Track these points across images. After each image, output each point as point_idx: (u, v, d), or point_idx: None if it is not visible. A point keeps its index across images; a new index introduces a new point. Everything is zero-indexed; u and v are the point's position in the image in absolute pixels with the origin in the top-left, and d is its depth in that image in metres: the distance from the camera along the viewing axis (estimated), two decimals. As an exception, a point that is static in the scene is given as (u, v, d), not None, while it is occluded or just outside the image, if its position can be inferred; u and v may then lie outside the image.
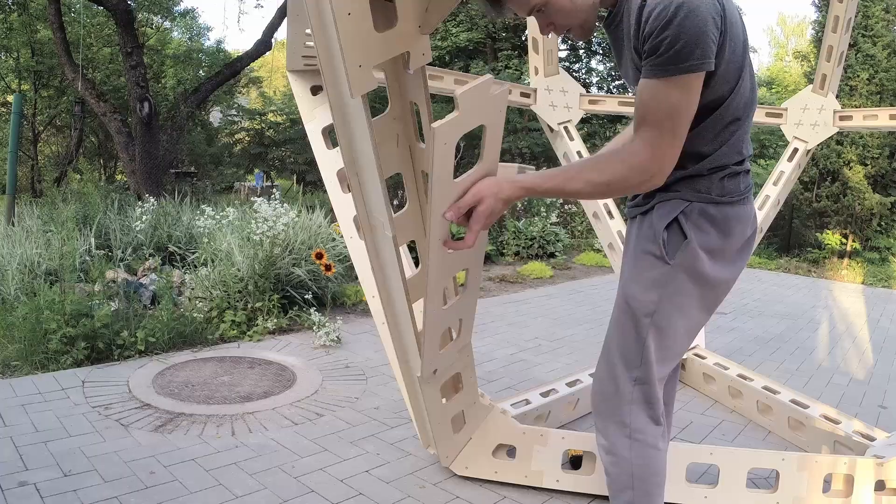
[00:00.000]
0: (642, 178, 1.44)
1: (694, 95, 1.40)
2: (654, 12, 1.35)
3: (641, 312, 1.56)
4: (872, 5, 9.48)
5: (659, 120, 1.40)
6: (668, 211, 1.55)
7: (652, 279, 1.55)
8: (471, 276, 1.83)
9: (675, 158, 1.44)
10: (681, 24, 1.32)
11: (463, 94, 1.37)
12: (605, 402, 1.63)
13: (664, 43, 1.34)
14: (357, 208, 1.64)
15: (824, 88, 3.58)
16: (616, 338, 1.61)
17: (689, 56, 1.34)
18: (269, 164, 13.27)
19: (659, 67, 1.37)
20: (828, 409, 2.87)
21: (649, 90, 1.40)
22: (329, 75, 1.43)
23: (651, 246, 1.56)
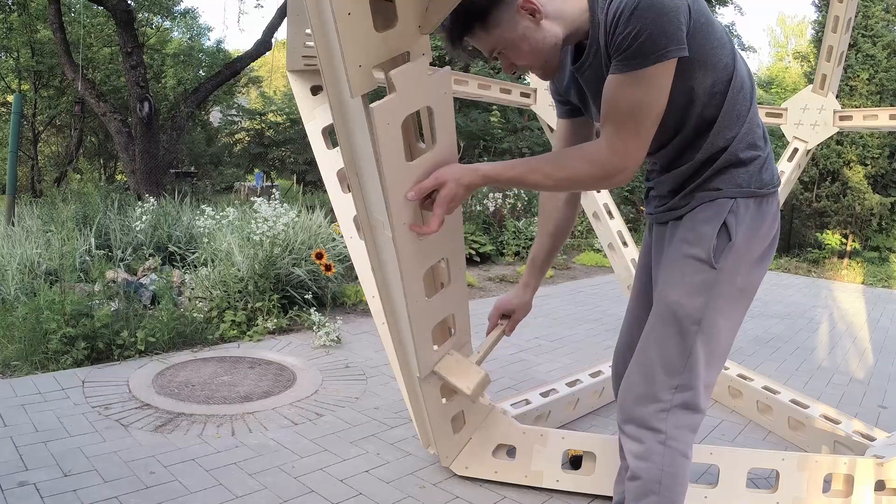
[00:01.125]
0: (603, 175, 1.44)
1: (659, 90, 1.37)
2: (616, 11, 1.34)
3: (689, 320, 1.51)
4: (872, 5, 9.49)
5: (621, 117, 1.39)
6: (716, 213, 1.51)
7: (697, 284, 1.51)
8: (453, 266, 1.82)
9: (640, 157, 1.43)
10: (641, 15, 1.31)
11: (395, 73, 1.38)
12: (641, 408, 1.56)
13: (629, 38, 1.32)
14: (357, 208, 1.64)
15: (824, 88, 3.58)
16: (655, 345, 1.55)
17: (653, 47, 1.32)
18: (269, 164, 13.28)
19: (623, 63, 1.35)
20: (828, 409, 2.87)
21: (613, 86, 1.39)
22: (329, 75, 1.43)
23: (694, 250, 1.51)
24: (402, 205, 1.54)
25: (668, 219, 1.63)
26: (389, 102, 1.39)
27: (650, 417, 1.55)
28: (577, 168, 1.45)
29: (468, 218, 8.01)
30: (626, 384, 1.62)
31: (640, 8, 1.31)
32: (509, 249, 7.92)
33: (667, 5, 1.31)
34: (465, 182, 1.48)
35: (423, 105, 1.46)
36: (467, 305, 1.97)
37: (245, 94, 15.14)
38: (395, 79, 1.38)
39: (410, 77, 1.40)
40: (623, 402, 1.61)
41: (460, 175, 1.48)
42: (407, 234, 1.59)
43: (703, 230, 1.51)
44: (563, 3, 1.44)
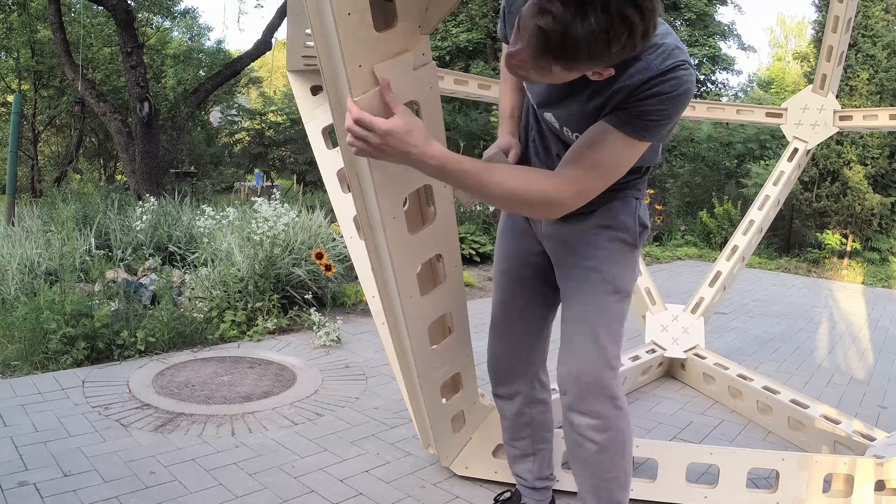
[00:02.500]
0: (550, 206, 1.46)
1: (639, 156, 1.49)
2: (663, 83, 1.38)
3: (623, 292, 1.71)
4: (872, 5, 9.48)
5: (598, 166, 1.45)
6: (629, 207, 1.73)
7: (626, 262, 1.72)
8: (448, 263, 1.82)
9: (586, 201, 1.50)
10: (680, 103, 1.40)
11: (379, 67, 1.37)
12: (596, 383, 1.66)
13: (657, 113, 1.40)
14: (357, 208, 1.64)
15: (824, 88, 3.58)
16: (600, 317, 1.68)
17: (664, 130, 1.45)
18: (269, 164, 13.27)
19: (633, 127, 1.41)
20: (828, 409, 2.87)
21: (607, 137, 1.43)
22: (329, 75, 1.43)
23: (622, 234, 1.71)
24: (390, 198, 1.53)
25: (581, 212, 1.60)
26: (371, 98, 1.38)
27: (606, 387, 1.66)
28: (531, 190, 1.43)
29: (468, 218, 8.01)
30: (573, 364, 1.69)
31: (680, 97, 1.39)
32: (509, 249, 7.90)
33: (688, 100, 1.43)
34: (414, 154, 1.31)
35: (408, 99, 1.46)
36: (465, 303, 1.97)
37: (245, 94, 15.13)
38: (380, 73, 1.38)
39: (395, 72, 1.40)
40: (576, 381, 1.68)
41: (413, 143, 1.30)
42: (398, 229, 1.59)
43: (623, 219, 1.71)
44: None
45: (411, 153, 1.32)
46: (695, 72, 1.46)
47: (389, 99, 1.33)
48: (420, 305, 1.79)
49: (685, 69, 1.40)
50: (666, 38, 1.42)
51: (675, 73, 1.39)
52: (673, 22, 14.91)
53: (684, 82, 1.40)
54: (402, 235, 1.62)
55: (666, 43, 1.42)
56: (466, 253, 7.11)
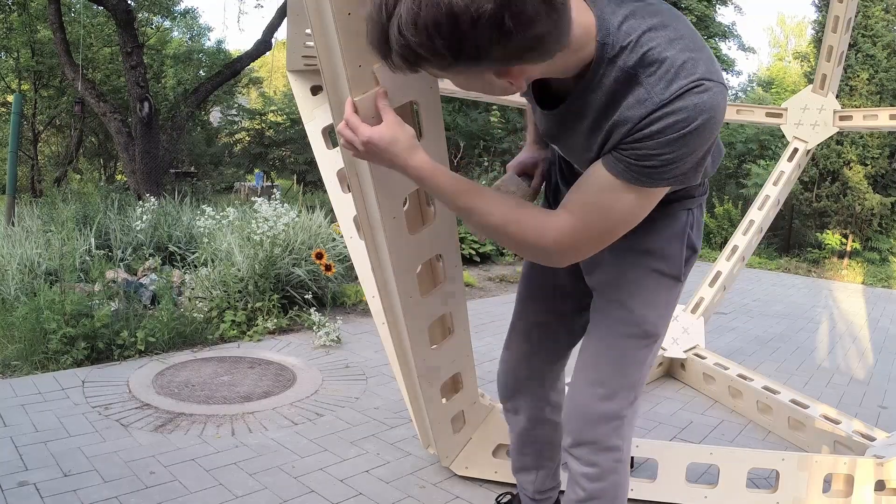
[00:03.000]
0: (538, 252, 1.26)
1: (652, 204, 1.20)
2: (663, 118, 1.07)
3: (653, 336, 1.45)
4: (872, 5, 9.49)
5: (597, 217, 1.20)
6: (676, 226, 1.41)
7: (664, 300, 1.44)
8: (448, 263, 1.82)
9: (583, 257, 1.29)
10: (694, 142, 1.08)
11: (379, 67, 1.37)
12: (598, 429, 1.47)
13: (660, 158, 1.10)
14: (357, 208, 1.64)
15: (824, 88, 3.58)
16: (617, 362, 1.45)
17: (676, 174, 1.12)
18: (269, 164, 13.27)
19: (634, 174, 1.12)
20: (828, 409, 2.87)
21: (605, 184, 1.16)
22: (329, 75, 1.43)
23: (661, 264, 1.41)
24: (390, 197, 1.53)
25: None
26: (371, 97, 1.39)
27: (608, 437, 1.47)
28: (521, 227, 1.23)
29: (468, 218, 8.01)
30: (577, 404, 1.50)
31: (692, 133, 1.07)
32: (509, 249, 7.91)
33: (715, 129, 1.10)
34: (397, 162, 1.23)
35: (408, 99, 1.46)
36: (465, 303, 1.97)
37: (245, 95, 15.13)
38: (379, 73, 1.38)
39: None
40: (575, 424, 1.50)
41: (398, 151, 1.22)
42: (398, 229, 1.59)
43: (667, 244, 1.41)
44: (565, 59, 1.10)
45: (394, 162, 1.24)
46: (722, 85, 1.09)
47: (381, 105, 1.27)
48: (420, 305, 1.79)
49: (700, 90, 1.06)
50: (669, 49, 1.08)
51: (683, 102, 1.06)
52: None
53: (700, 112, 1.06)
54: (401, 235, 1.62)
55: (669, 57, 1.07)
56: (466, 253, 7.11)
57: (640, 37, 1.09)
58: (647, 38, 1.09)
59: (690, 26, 1.15)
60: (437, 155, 1.58)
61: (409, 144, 1.23)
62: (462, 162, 11.69)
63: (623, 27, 1.10)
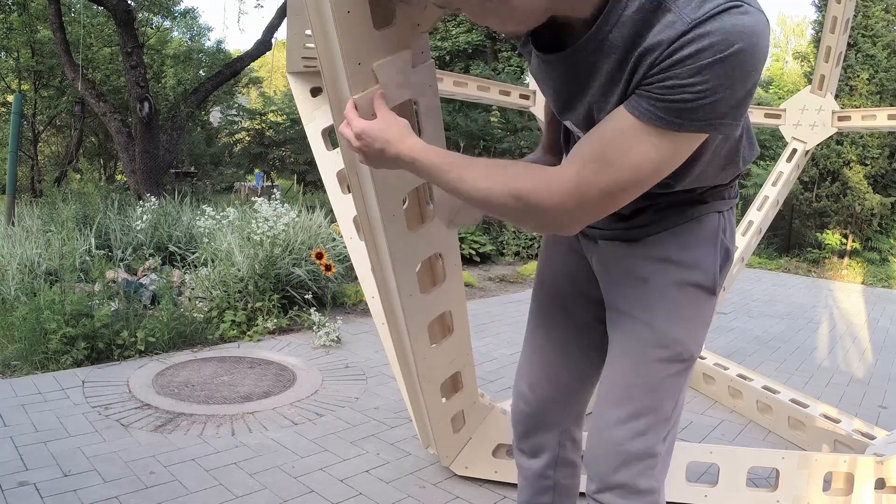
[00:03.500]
0: (531, 214, 1.05)
1: (682, 156, 1.02)
2: (695, 40, 0.91)
3: (689, 360, 1.26)
4: (872, 5, 9.49)
5: (615, 167, 0.99)
6: (708, 230, 1.25)
7: (699, 317, 1.26)
8: (448, 262, 1.82)
9: (599, 215, 1.06)
10: (726, 72, 0.91)
11: (378, 65, 1.38)
12: (627, 470, 1.26)
13: (691, 91, 0.92)
14: (357, 209, 1.64)
15: (823, 89, 3.58)
16: (645, 393, 1.25)
17: (712, 114, 0.94)
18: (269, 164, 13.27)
19: (660, 114, 0.95)
20: (828, 408, 2.87)
21: (626, 128, 0.98)
22: (329, 75, 1.43)
23: (693, 275, 1.23)
24: (389, 196, 1.54)
25: (629, 236, 1.28)
26: (371, 94, 1.40)
27: (640, 479, 1.26)
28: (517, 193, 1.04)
29: (468, 218, 8.00)
30: (603, 442, 1.28)
31: (730, 60, 0.90)
32: (509, 249, 7.92)
33: (757, 63, 0.93)
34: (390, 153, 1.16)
35: (406, 98, 1.46)
36: (465, 302, 1.97)
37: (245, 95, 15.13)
38: (378, 71, 1.39)
39: (393, 70, 1.41)
40: (602, 466, 1.28)
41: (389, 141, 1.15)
42: (397, 227, 1.60)
43: (699, 252, 1.24)
44: None
45: (385, 150, 1.14)
46: (764, 16, 0.93)
47: (377, 103, 1.22)
48: (420, 304, 1.79)
49: (740, 11, 0.90)
50: None
51: (720, 23, 0.90)
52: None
53: (740, 36, 0.89)
54: (401, 234, 1.62)
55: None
56: (466, 253, 7.11)
57: None
58: None
59: None
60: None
61: (400, 131, 1.15)
62: (462, 162, 11.68)
63: None
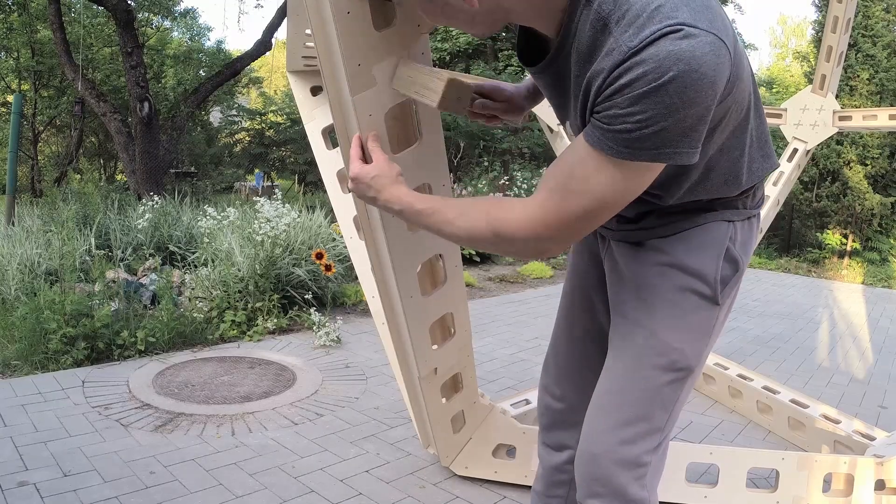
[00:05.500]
0: (524, 247, 1.10)
1: (641, 184, 1.02)
2: (631, 69, 0.90)
3: (685, 370, 1.22)
4: (872, 5, 9.49)
5: (576, 196, 1.02)
6: (714, 237, 1.21)
7: (699, 325, 1.21)
8: (448, 263, 1.82)
9: (570, 242, 1.11)
10: (663, 101, 0.90)
11: (377, 67, 1.39)
12: (614, 477, 1.23)
13: (633, 119, 0.92)
14: (357, 208, 1.65)
15: (824, 89, 3.58)
16: (637, 400, 1.22)
17: (660, 143, 0.94)
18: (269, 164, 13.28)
19: (610, 143, 0.96)
20: (828, 408, 2.87)
21: (583, 156, 1.00)
22: (329, 75, 1.43)
23: (695, 282, 1.19)
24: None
25: (636, 238, 1.27)
26: (370, 94, 1.41)
27: (627, 487, 1.24)
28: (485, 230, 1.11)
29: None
30: (590, 448, 1.26)
31: (665, 88, 0.89)
32: (509, 249, 7.91)
33: (701, 88, 0.91)
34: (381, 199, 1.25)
35: (405, 98, 1.47)
36: (466, 303, 1.97)
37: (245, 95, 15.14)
38: (377, 72, 1.39)
39: (392, 70, 1.42)
40: (588, 471, 1.26)
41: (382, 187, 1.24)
42: (398, 228, 1.60)
43: (702, 258, 1.20)
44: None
45: (376, 198, 1.24)
46: (714, 36, 0.90)
47: (372, 146, 1.30)
48: (420, 305, 1.79)
49: (678, 36, 0.88)
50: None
51: (654, 49, 0.89)
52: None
53: (675, 62, 0.88)
54: (401, 235, 1.63)
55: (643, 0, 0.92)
56: (466, 253, 7.11)
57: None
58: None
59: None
60: (437, 154, 1.59)
61: (390, 181, 1.24)
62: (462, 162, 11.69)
63: None
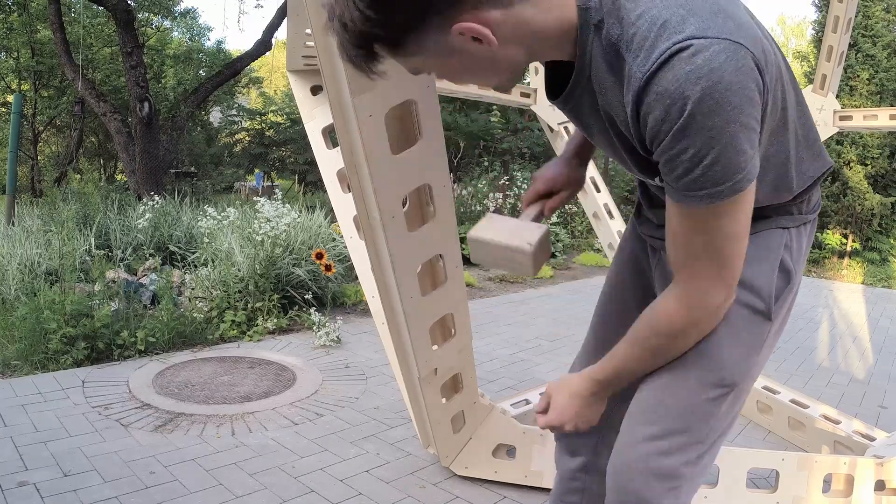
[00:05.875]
0: (711, 321, 1.09)
1: (748, 210, 0.98)
2: (656, 103, 0.87)
3: (733, 386, 1.17)
4: (872, 5, 9.49)
5: (694, 258, 1.02)
6: (769, 248, 1.16)
7: (751, 341, 1.16)
8: (449, 263, 1.82)
9: (728, 294, 1.07)
10: (699, 130, 0.86)
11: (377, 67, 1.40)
12: (646, 487, 1.18)
13: (685, 157, 0.89)
14: (357, 208, 1.64)
15: (824, 88, 3.58)
16: (680, 414, 1.18)
17: (730, 173, 0.90)
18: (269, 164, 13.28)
19: (690, 194, 0.93)
20: (828, 409, 2.87)
21: (679, 221, 1.00)
22: (329, 75, 1.43)
23: (748, 296, 1.14)
24: (389, 197, 1.54)
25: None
26: (370, 95, 1.41)
27: (659, 498, 1.19)
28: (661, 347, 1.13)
29: (468, 217, 8.00)
30: (625, 456, 1.22)
31: (698, 114, 0.85)
32: (509, 249, 7.91)
33: (733, 96, 0.85)
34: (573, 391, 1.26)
35: (405, 98, 1.47)
36: (466, 304, 1.97)
37: (245, 95, 15.14)
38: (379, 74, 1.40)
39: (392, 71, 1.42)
40: (621, 479, 1.22)
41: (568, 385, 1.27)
42: (398, 228, 1.60)
43: (756, 269, 1.14)
44: (536, 12, 0.93)
45: (580, 411, 1.25)
46: (728, 42, 0.84)
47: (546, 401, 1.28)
48: (420, 306, 1.79)
49: (689, 52, 0.83)
50: (652, 6, 0.88)
51: (670, 75, 0.85)
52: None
53: (695, 82, 0.83)
54: (401, 235, 1.63)
55: (650, 16, 0.87)
56: (466, 253, 7.09)
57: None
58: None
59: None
60: (437, 154, 1.59)
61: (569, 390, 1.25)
62: (462, 162, 11.69)
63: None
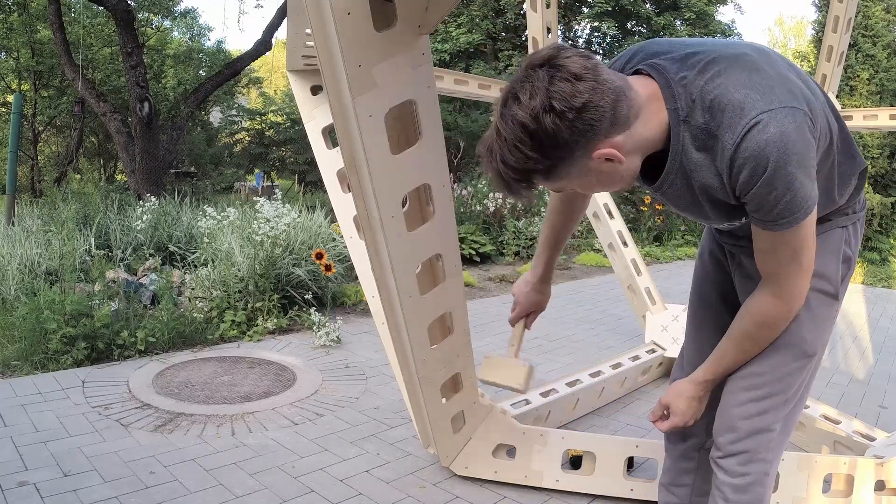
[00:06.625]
0: (784, 322, 1.41)
1: (814, 222, 1.30)
2: (745, 164, 1.18)
3: (814, 355, 1.50)
4: (872, 5, 9.49)
5: (783, 266, 1.34)
6: (833, 244, 1.48)
7: (824, 318, 1.49)
8: (447, 263, 1.82)
9: (806, 287, 1.38)
10: (779, 178, 1.17)
11: (377, 68, 1.40)
12: (749, 441, 1.50)
13: (770, 199, 1.20)
14: (357, 208, 1.65)
15: (824, 88, 3.58)
16: (775, 381, 1.49)
17: (801, 204, 1.22)
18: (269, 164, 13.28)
19: (773, 223, 1.26)
20: (828, 408, 2.87)
21: (767, 240, 1.32)
22: (329, 75, 1.43)
23: (821, 283, 1.46)
24: (388, 197, 1.54)
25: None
26: (370, 95, 1.42)
27: (758, 449, 1.51)
28: (767, 337, 1.44)
29: (468, 218, 8.00)
30: (731, 414, 1.52)
31: (774, 171, 1.16)
32: (509, 249, 7.91)
33: (796, 151, 1.17)
34: (688, 395, 1.53)
35: (405, 99, 1.47)
36: (464, 303, 1.97)
37: (245, 95, 15.14)
38: (378, 74, 1.40)
39: (392, 71, 1.42)
40: (728, 435, 1.53)
41: (682, 391, 1.54)
42: (397, 228, 1.60)
43: (824, 262, 1.45)
44: (644, 126, 1.23)
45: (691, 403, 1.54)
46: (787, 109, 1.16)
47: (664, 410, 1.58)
48: (420, 305, 1.79)
49: (759, 128, 1.15)
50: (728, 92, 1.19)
51: (751, 147, 1.16)
52: (673, 22, 14.91)
53: (769, 151, 1.15)
54: (401, 234, 1.63)
55: (729, 102, 1.19)
56: (466, 253, 7.11)
57: (701, 91, 1.20)
58: (709, 90, 1.19)
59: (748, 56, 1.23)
60: (437, 154, 1.59)
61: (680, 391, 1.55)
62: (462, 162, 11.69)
63: (687, 87, 1.21)
